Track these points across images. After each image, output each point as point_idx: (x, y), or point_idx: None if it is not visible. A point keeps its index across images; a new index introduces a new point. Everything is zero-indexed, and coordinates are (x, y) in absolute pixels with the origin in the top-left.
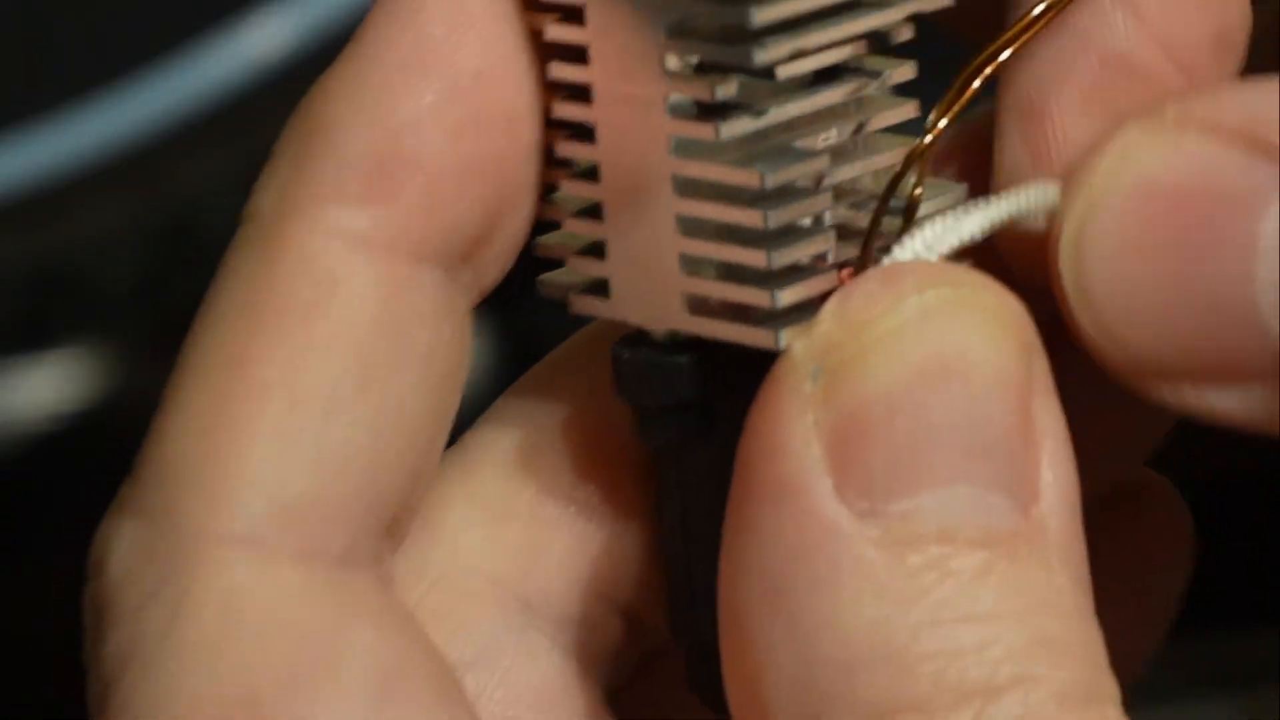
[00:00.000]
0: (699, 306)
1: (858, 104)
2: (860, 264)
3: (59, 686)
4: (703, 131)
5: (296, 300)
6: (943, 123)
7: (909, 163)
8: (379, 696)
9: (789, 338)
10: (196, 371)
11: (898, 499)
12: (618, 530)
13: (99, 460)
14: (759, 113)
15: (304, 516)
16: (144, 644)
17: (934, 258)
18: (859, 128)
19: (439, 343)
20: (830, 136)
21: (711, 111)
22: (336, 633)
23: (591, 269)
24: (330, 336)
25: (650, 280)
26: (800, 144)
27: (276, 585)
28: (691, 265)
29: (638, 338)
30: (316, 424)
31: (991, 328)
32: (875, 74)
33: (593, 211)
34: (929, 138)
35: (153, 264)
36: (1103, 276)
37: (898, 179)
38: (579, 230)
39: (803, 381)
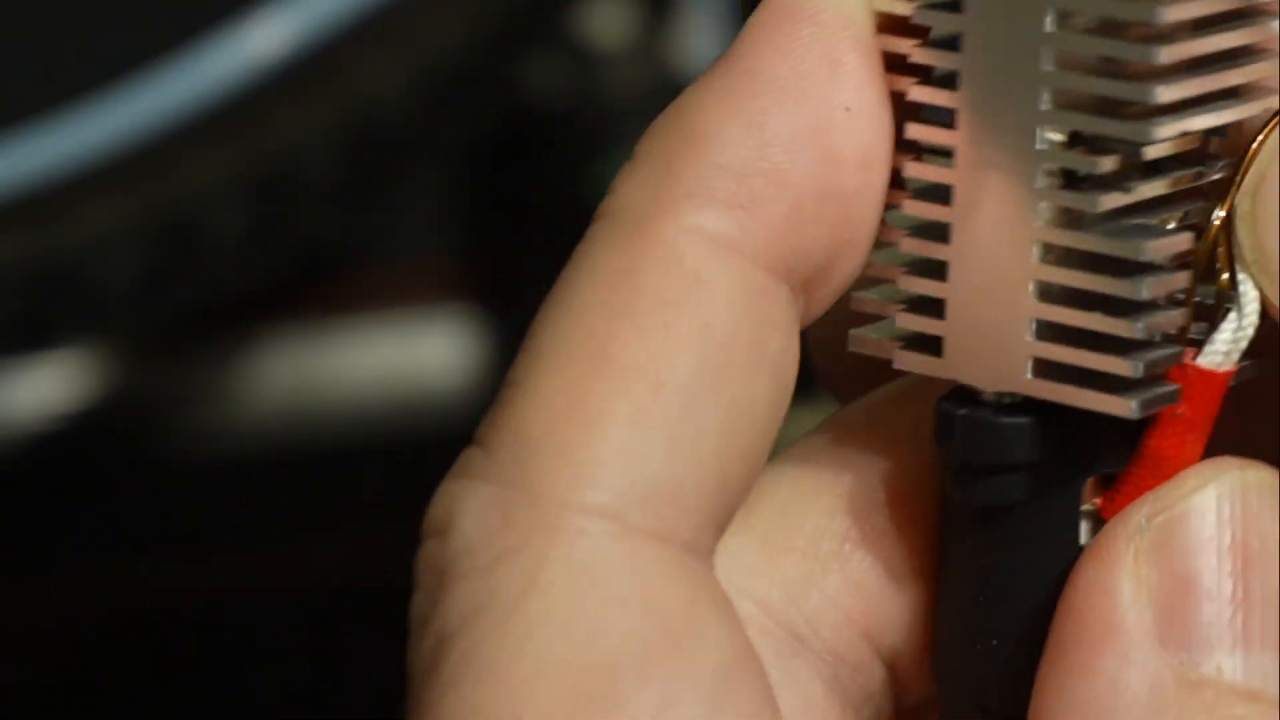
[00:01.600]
0: (1045, 371)
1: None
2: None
3: (59, 686)
4: (1081, 203)
5: (661, 293)
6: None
7: (1215, 235)
8: (723, 686)
9: (1143, 408)
10: (556, 351)
11: (1214, 656)
12: (893, 577)
13: (99, 460)
14: (1128, 188)
15: (660, 497)
16: (496, 602)
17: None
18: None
19: (788, 352)
20: (1185, 215)
21: (1083, 183)
22: (689, 615)
23: (923, 326)
24: (693, 330)
25: (995, 342)
26: (1161, 221)
27: (633, 560)
28: (1044, 330)
29: (964, 394)
30: (676, 411)
31: None
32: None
33: (933, 270)
34: (1222, 211)
35: (153, 264)
36: None
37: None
38: (916, 287)
39: (1136, 533)
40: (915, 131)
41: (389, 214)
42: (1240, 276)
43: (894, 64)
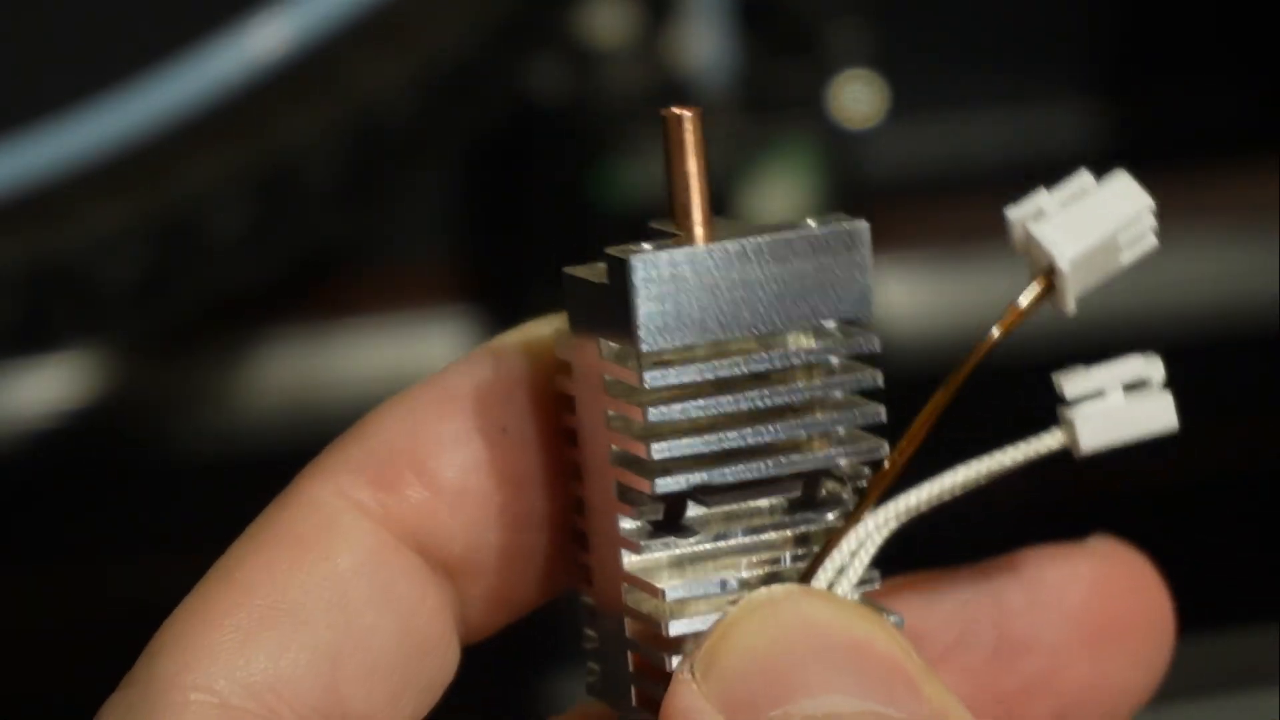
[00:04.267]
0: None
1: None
2: None
3: (59, 685)
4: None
5: (293, 532)
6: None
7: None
8: None
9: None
10: (202, 580)
11: (775, 708)
12: None
13: (99, 460)
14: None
15: (261, 688)
16: None
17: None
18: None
19: (420, 604)
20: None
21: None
22: None
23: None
24: (315, 562)
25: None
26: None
27: None
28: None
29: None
30: (287, 622)
31: (832, 607)
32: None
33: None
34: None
35: (153, 264)
36: None
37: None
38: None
39: (687, 673)
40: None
41: (388, 214)
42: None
43: (557, 399)
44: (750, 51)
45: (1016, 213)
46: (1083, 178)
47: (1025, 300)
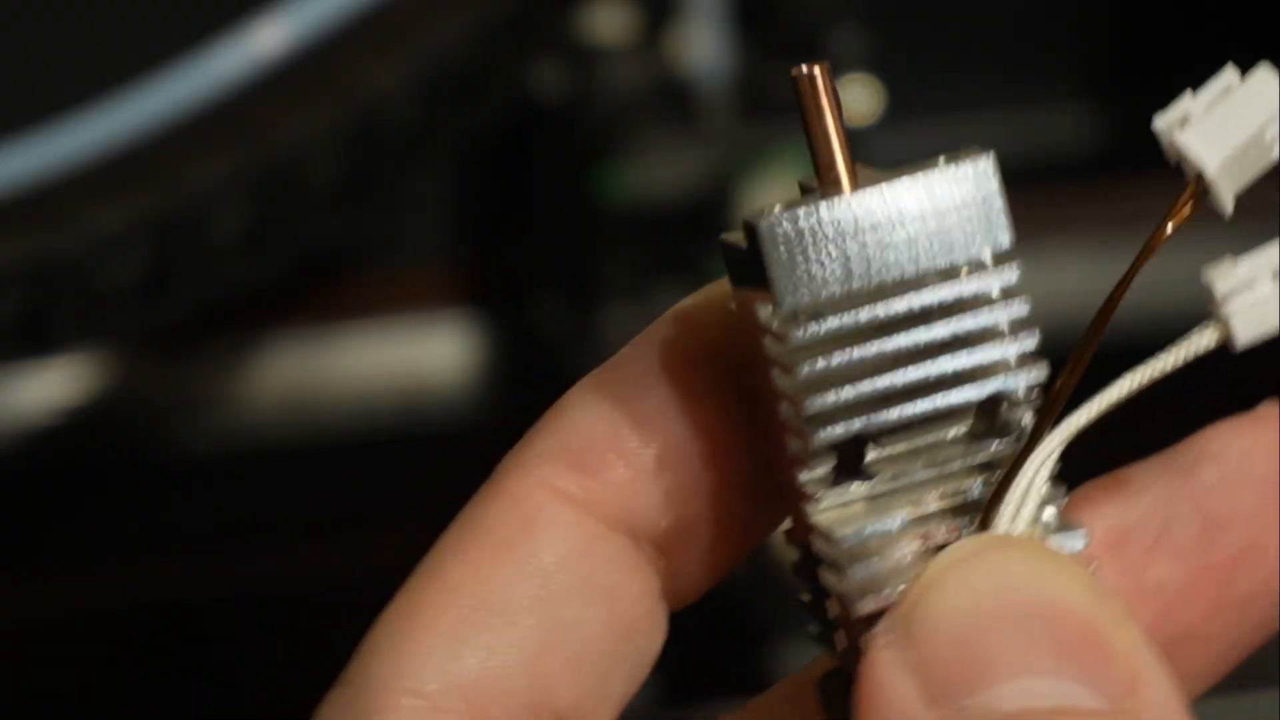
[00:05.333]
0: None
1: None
2: None
3: (59, 685)
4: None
5: (495, 530)
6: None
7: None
8: None
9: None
10: (407, 584)
11: (969, 694)
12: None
13: (99, 460)
14: (868, 476)
15: (472, 689)
16: None
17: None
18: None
19: (625, 589)
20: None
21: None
22: None
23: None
24: (518, 560)
25: None
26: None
27: None
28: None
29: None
30: (495, 622)
31: (1021, 562)
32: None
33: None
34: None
35: (153, 264)
36: None
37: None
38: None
39: (885, 635)
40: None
41: (388, 214)
42: None
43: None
44: (749, 53)
45: (1163, 121)
46: (1227, 75)
47: (1180, 206)
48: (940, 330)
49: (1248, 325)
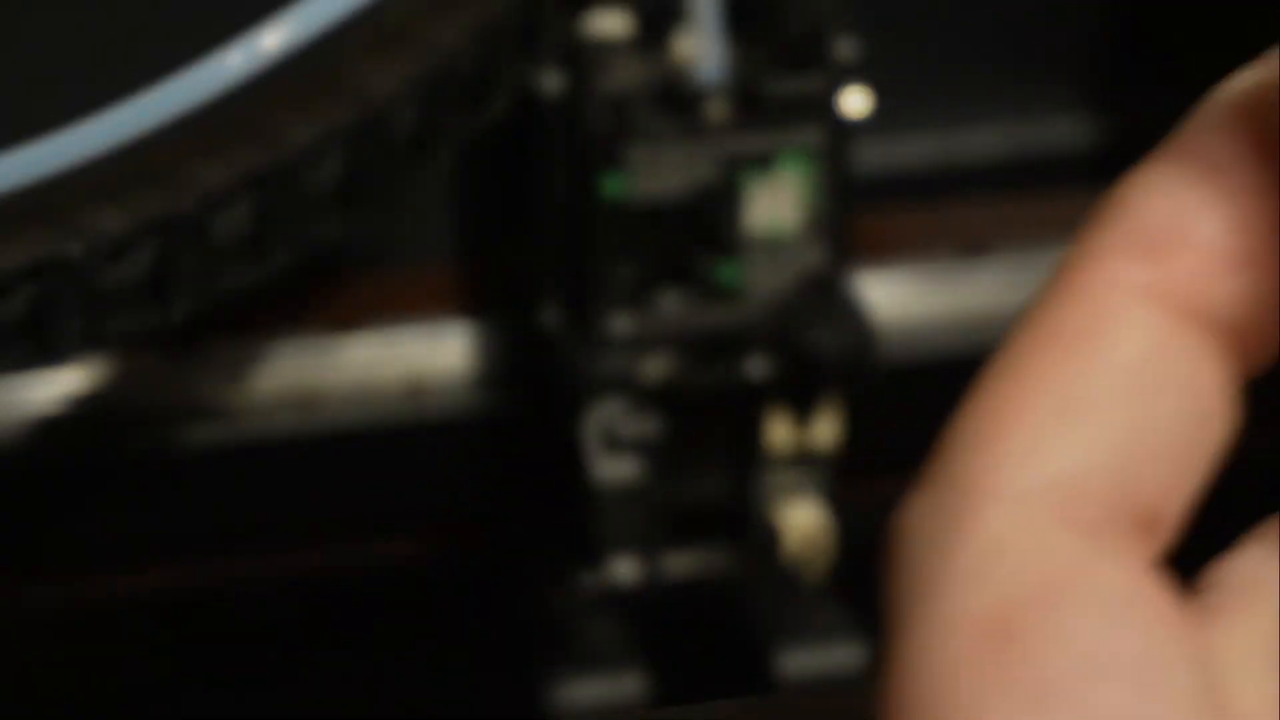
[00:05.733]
0: None
1: None
2: None
3: (59, 686)
4: None
5: (1072, 326)
6: None
7: None
8: (1119, 619)
9: None
10: (986, 381)
11: None
12: None
13: (99, 460)
14: None
15: (1062, 490)
16: (922, 578)
17: None
18: None
19: (1202, 380)
20: None
21: None
22: (1081, 569)
23: None
24: (1098, 354)
25: None
26: None
27: (1033, 532)
28: None
29: None
30: (1082, 419)
31: None
32: None
33: None
34: None
35: (153, 264)
36: None
37: None
38: None
39: None
40: None
41: (389, 215)
42: None
43: None
44: (750, 54)
45: None
46: None
47: None
48: None
49: None
